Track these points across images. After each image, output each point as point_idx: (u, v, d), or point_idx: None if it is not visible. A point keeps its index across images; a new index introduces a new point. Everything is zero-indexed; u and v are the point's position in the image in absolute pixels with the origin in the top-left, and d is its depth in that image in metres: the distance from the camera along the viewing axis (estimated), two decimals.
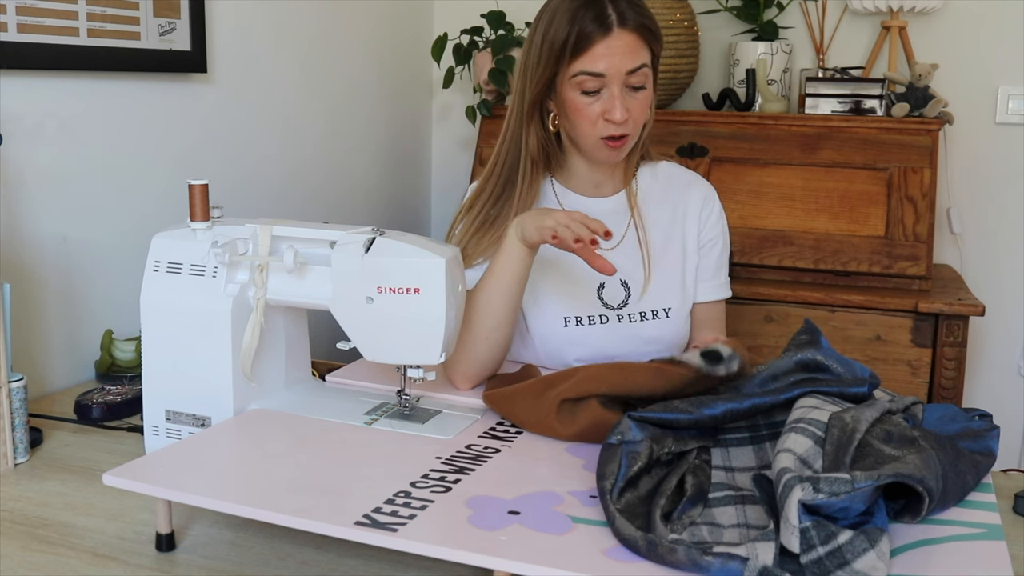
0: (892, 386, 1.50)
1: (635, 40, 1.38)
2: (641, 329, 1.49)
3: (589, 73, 1.38)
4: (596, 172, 1.52)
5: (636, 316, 1.49)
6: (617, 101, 1.38)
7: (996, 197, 2.37)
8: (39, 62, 1.49)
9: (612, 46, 1.37)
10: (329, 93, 2.27)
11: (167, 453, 1.07)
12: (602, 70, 1.37)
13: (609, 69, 1.37)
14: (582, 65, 1.38)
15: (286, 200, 2.13)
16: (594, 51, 1.37)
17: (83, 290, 1.61)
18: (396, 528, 0.88)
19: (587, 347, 1.47)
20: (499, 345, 1.36)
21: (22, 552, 1.00)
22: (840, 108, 2.16)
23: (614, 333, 1.49)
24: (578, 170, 1.52)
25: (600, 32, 1.36)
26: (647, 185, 1.55)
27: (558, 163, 1.53)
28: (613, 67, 1.37)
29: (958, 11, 2.32)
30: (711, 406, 1.03)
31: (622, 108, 1.38)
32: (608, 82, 1.38)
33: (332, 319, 1.17)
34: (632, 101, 1.40)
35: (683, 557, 0.81)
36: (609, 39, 1.37)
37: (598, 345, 1.47)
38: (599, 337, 1.48)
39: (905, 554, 0.87)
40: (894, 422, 0.99)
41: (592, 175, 1.52)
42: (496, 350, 1.36)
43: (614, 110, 1.38)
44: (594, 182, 1.53)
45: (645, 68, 1.40)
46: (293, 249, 1.15)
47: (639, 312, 1.50)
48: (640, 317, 1.49)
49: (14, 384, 1.22)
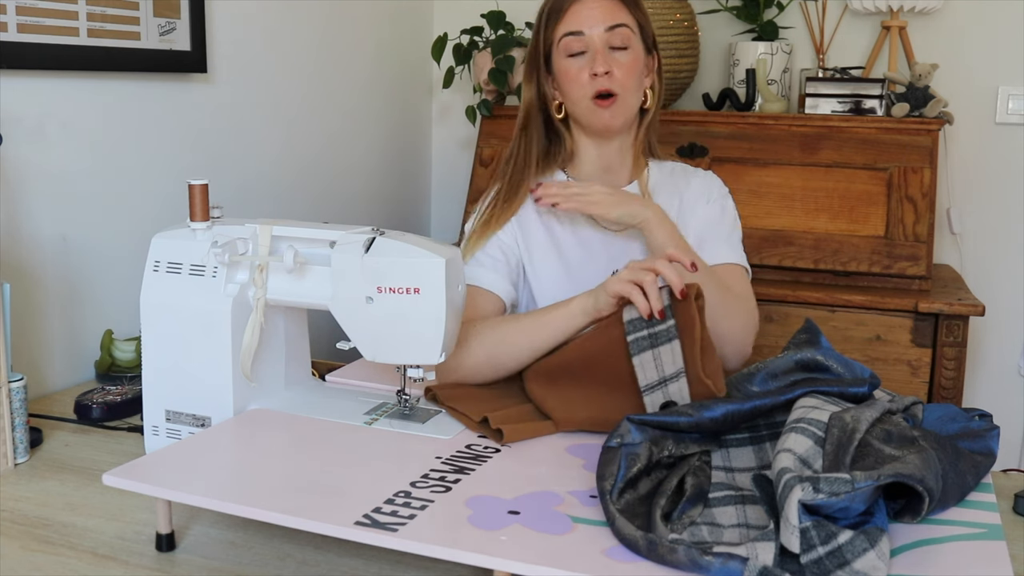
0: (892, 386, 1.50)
1: (612, 3, 1.47)
2: None
3: (570, 33, 1.46)
4: (605, 155, 1.53)
5: None
6: (599, 55, 1.45)
7: (996, 197, 2.36)
8: (39, 62, 1.49)
9: (588, 5, 1.46)
10: (329, 93, 2.27)
11: (167, 453, 1.07)
12: (581, 28, 1.45)
13: (587, 26, 1.45)
14: (563, 27, 1.47)
15: (286, 200, 2.13)
16: (572, 11, 1.46)
17: (83, 290, 1.61)
18: (396, 528, 0.88)
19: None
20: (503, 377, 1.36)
21: (22, 552, 1.00)
22: (840, 108, 2.16)
23: None
24: (588, 155, 1.53)
25: None
26: (656, 179, 1.57)
27: (568, 154, 1.54)
28: (591, 23, 1.45)
29: (958, 11, 2.32)
30: (711, 408, 1.03)
31: (603, 61, 1.44)
32: (589, 41, 1.45)
33: (332, 319, 1.17)
34: (615, 61, 1.45)
35: (683, 557, 0.81)
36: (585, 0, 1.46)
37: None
38: None
39: (905, 554, 0.87)
40: (894, 422, 0.99)
41: (601, 158, 1.53)
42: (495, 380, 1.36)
43: (596, 63, 1.44)
44: (604, 166, 1.53)
45: (624, 28, 1.46)
46: (293, 249, 1.15)
47: None
48: None
49: (14, 384, 1.22)
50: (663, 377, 1.15)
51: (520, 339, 1.32)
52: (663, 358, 1.15)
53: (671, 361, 1.15)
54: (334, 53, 2.27)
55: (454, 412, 1.20)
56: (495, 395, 1.27)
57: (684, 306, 1.17)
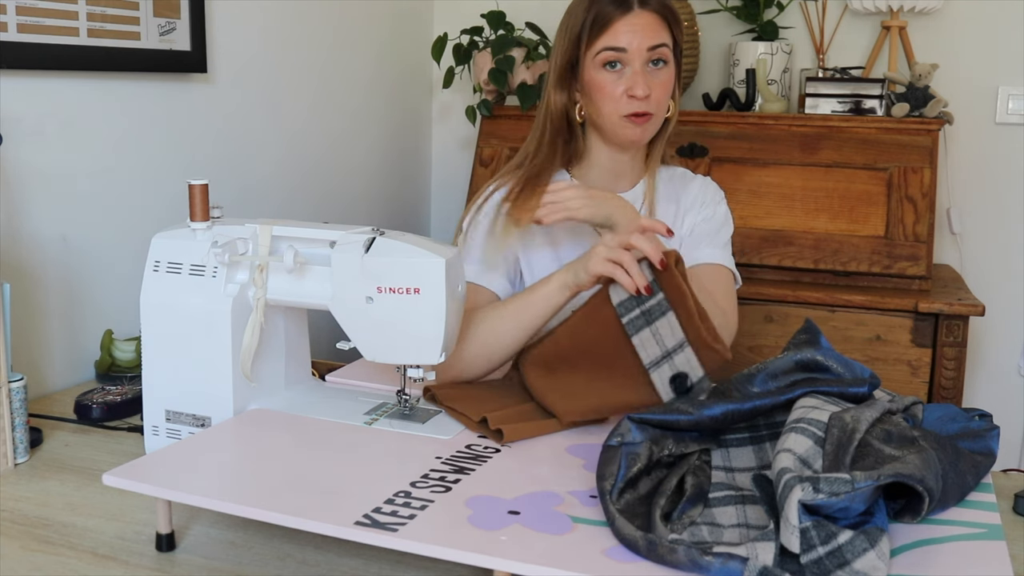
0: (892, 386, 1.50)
1: (655, 20, 1.43)
2: None
3: (612, 48, 1.42)
4: (617, 163, 1.52)
5: None
6: (640, 77, 1.41)
7: (996, 197, 2.36)
8: (39, 62, 1.49)
9: (633, 23, 1.41)
10: (329, 93, 2.27)
11: (167, 453, 1.07)
12: (624, 44, 1.41)
13: (631, 44, 1.41)
14: (605, 42, 1.42)
15: (286, 200, 2.13)
16: (616, 27, 1.41)
17: (83, 290, 1.61)
18: (396, 528, 0.88)
19: None
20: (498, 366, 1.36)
21: (22, 552, 1.00)
22: (840, 108, 2.16)
23: None
24: (599, 160, 1.52)
25: (621, 11, 1.41)
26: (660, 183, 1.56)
27: (577, 157, 1.53)
28: (635, 42, 1.41)
29: (958, 11, 2.32)
30: (711, 407, 1.03)
31: (644, 83, 1.41)
32: (630, 58, 1.41)
33: (332, 319, 1.17)
34: (654, 80, 1.43)
35: (683, 557, 0.81)
36: (630, 16, 1.41)
37: None
38: None
39: (905, 554, 0.87)
40: (894, 422, 0.99)
41: (613, 165, 1.52)
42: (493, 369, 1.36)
43: (636, 86, 1.41)
44: (615, 173, 1.52)
45: (665, 47, 1.43)
46: (293, 249, 1.15)
47: None
48: None
49: (14, 384, 1.22)
50: (666, 351, 1.15)
51: (507, 324, 1.32)
52: (661, 332, 1.16)
53: (670, 334, 1.15)
54: (334, 53, 2.27)
55: (453, 412, 1.20)
56: (494, 395, 1.27)
57: (668, 276, 1.17)
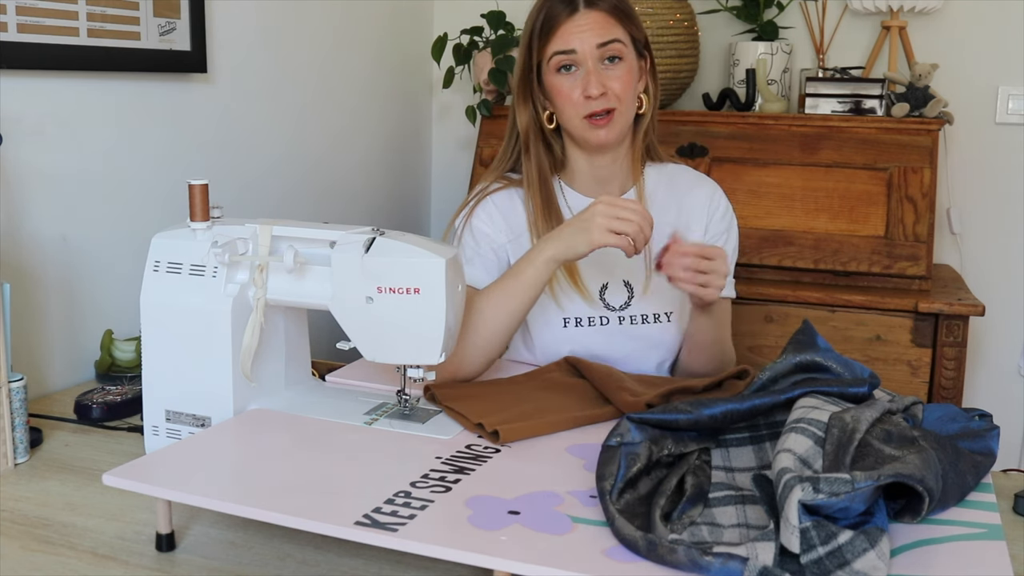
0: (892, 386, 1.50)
1: (603, 17, 1.43)
2: (641, 332, 1.49)
3: (562, 52, 1.43)
4: (598, 167, 1.51)
5: (637, 319, 1.49)
6: (592, 76, 1.42)
7: (996, 197, 2.36)
8: (39, 62, 1.49)
9: (580, 24, 1.42)
10: (329, 93, 2.27)
11: (167, 453, 1.07)
12: (574, 46, 1.42)
13: (580, 45, 1.42)
14: (555, 46, 1.43)
15: (286, 200, 2.13)
16: (563, 30, 1.43)
17: (83, 290, 1.61)
18: (396, 528, 0.88)
19: (585, 349, 1.47)
20: (493, 356, 1.37)
21: (22, 552, 1.00)
22: (840, 108, 2.16)
23: (613, 336, 1.48)
24: (580, 167, 1.52)
25: (566, 12, 1.42)
26: (653, 186, 1.54)
27: (559, 162, 1.53)
28: (584, 43, 1.42)
29: (958, 11, 2.32)
30: (711, 406, 1.03)
31: (597, 82, 1.41)
32: (581, 59, 1.42)
33: (332, 319, 1.17)
34: (608, 76, 1.43)
35: (683, 557, 0.81)
36: (576, 18, 1.42)
37: (596, 347, 1.47)
38: (598, 339, 1.48)
39: (905, 554, 0.87)
40: (894, 422, 0.99)
41: (594, 171, 1.52)
42: (490, 360, 1.37)
43: (589, 85, 1.41)
44: (597, 179, 1.52)
45: (617, 43, 1.43)
46: (293, 249, 1.15)
47: (640, 315, 1.49)
48: (641, 320, 1.49)
49: (14, 384, 1.22)
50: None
51: (496, 310, 1.33)
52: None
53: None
54: (334, 53, 2.27)
55: (452, 412, 1.20)
56: (493, 394, 1.27)
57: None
